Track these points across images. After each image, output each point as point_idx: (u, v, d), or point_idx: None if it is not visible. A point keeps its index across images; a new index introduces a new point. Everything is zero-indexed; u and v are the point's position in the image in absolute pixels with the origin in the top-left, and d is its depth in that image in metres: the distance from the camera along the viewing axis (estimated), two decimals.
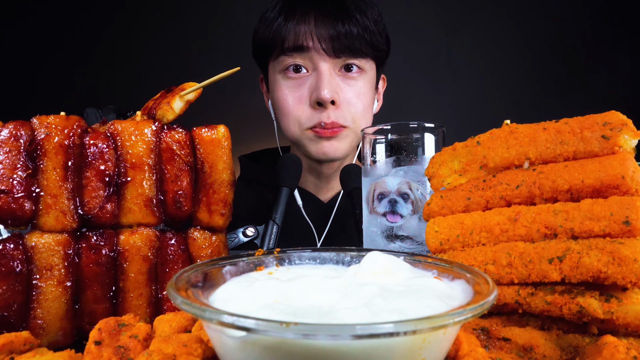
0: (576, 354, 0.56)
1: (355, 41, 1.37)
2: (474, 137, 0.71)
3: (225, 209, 0.79)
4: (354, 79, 1.43)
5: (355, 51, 1.39)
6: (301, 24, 1.37)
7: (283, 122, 1.50)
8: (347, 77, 1.43)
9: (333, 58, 1.39)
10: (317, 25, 1.36)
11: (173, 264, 0.77)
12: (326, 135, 1.41)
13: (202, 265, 0.57)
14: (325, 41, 1.36)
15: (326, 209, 1.54)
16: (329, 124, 1.39)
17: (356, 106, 1.42)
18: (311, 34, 1.36)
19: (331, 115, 1.39)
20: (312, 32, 1.36)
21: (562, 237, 0.59)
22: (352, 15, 1.37)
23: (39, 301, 0.69)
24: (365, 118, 1.46)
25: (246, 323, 0.39)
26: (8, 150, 0.68)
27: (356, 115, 1.43)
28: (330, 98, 1.36)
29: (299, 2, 1.41)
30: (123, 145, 0.75)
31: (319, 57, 1.38)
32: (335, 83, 1.40)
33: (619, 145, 0.60)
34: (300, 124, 1.44)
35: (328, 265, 0.66)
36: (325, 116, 1.39)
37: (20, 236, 0.70)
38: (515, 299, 0.61)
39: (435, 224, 0.70)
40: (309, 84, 1.41)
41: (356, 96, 1.43)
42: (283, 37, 1.39)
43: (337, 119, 1.39)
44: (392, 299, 0.48)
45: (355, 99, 1.42)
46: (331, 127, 1.40)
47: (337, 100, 1.39)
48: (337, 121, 1.39)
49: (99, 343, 0.56)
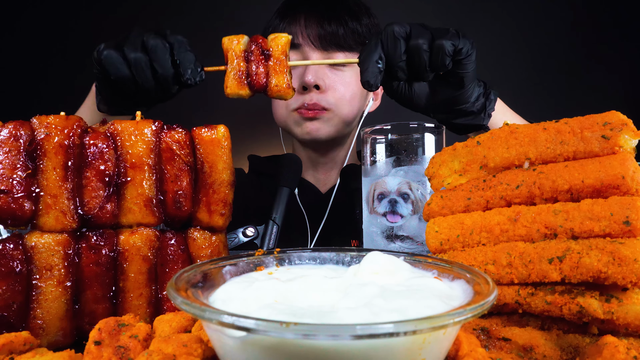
0: (576, 354, 0.56)
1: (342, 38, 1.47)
2: (474, 137, 0.71)
3: (225, 209, 0.79)
4: (341, 70, 1.52)
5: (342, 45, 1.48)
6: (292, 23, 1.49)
7: (273, 108, 1.63)
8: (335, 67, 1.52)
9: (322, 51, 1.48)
10: (307, 26, 1.47)
11: (173, 264, 0.77)
12: (309, 115, 1.50)
13: (202, 265, 0.57)
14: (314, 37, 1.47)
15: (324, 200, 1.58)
16: (311, 104, 1.48)
17: (340, 91, 1.51)
18: (301, 33, 1.47)
19: (314, 98, 1.48)
20: (303, 31, 1.48)
21: (562, 237, 0.59)
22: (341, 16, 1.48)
23: (39, 301, 0.69)
24: (350, 105, 1.54)
25: (246, 323, 0.39)
26: (8, 150, 0.68)
27: (340, 100, 1.51)
28: (313, 82, 1.46)
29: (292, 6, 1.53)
30: (123, 145, 0.75)
31: (309, 50, 1.48)
32: (322, 72, 1.49)
33: (619, 145, 0.60)
34: (287, 106, 1.54)
35: (328, 265, 0.66)
36: (308, 98, 1.48)
37: (20, 236, 0.70)
38: (515, 299, 0.61)
39: (435, 224, 0.70)
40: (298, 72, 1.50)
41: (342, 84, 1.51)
42: None
43: (319, 101, 1.48)
44: (392, 299, 0.48)
45: (340, 86, 1.51)
46: (313, 108, 1.49)
47: (322, 86, 1.48)
48: (319, 103, 1.48)
49: (99, 343, 0.56)
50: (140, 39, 0.89)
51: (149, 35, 0.89)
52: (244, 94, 0.91)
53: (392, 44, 0.87)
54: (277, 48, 0.91)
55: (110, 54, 0.88)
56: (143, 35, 0.89)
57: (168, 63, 0.88)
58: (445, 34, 0.87)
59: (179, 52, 0.89)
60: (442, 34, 0.87)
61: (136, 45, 0.89)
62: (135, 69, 0.88)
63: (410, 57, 0.88)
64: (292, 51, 1.48)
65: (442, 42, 0.86)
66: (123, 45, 0.89)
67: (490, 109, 1.04)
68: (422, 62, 0.87)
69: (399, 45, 0.87)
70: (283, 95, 0.92)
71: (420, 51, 0.86)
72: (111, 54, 0.88)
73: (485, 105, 1.03)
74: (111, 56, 0.88)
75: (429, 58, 0.87)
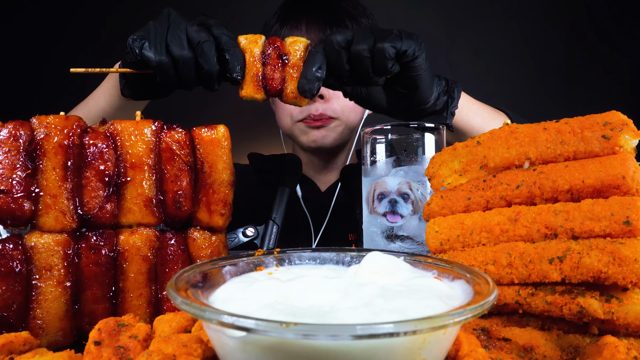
0: (576, 354, 0.56)
1: None
2: (474, 137, 0.71)
3: (225, 209, 0.79)
4: None
5: None
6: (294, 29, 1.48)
7: (277, 116, 1.62)
8: None
9: None
10: (308, 31, 1.46)
11: (173, 264, 0.77)
12: (315, 125, 1.50)
13: (202, 265, 0.57)
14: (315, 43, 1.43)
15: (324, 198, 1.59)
16: (317, 115, 1.48)
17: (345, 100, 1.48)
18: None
19: (319, 108, 1.48)
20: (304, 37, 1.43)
21: (562, 237, 0.59)
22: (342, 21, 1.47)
23: (39, 301, 0.69)
24: (355, 111, 1.54)
25: (246, 323, 0.39)
26: (7, 150, 0.68)
27: (345, 107, 1.51)
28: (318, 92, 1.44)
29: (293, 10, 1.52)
30: (123, 145, 0.74)
31: None
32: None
33: (620, 145, 0.60)
34: (292, 117, 1.53)
35: (328, 265, 0.66)
36: (313, 109, 1.48)
37: (20, 236, 0.70)
38: (516, 299, 0.61)
39: (435, 224, 0.70)
40: None
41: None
42: None
43: (326, 110, 1.48)
44: (392, 299, 0.48)
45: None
46: (320, 118, 1.49)
47: (326, 95, 1.47)
48: (326, 113, 1.48)
49: (99, 343, 0.56)
50: (184, 33, 0.84)
51: (192, 27, 0.84)
52: (259, 97, 0.90)
53: (334, 54, 0.85)
54: (295, 54, 0.90)
55: (161, 60, 0.82)
56: (187, 28, 0.84)
57: (214, 59, 0.84)
58: (386, 37, 0.83)
59: (228, 47, 0.85)
60: (384, 36, 0.84)
61: (181, 41, 0.83)
62: (182, 69, 0.84)
63: (353, 64, 0.86)
64: None
65: (383, 46, 0.83)
66: (166, 41, 0.83)
67: (453, 107, 1.00)
68: (364, 67, 0.85)
69: (340, 55, 0.85)
70: (298, 102, 0.91)
71: (361, 57, 0.84)
72: (161, 61, 0.82)
73: (448, 104, 1.00)
74: (161, 62, 0.83)
75: (371, 63, 0.85)
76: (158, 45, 0.83)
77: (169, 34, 0.84)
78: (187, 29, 0.84)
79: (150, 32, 0.85)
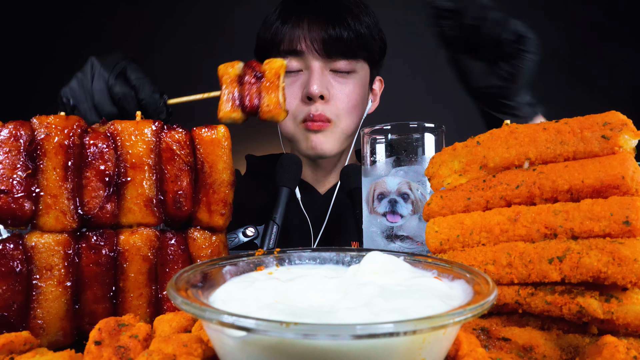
0: (576, 354, 0.56)
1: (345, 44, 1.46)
2: (474, 137, 0.71)
3: (225, 209, 0.79)
4: (345, 77, 1.52)
5: (345, 53, 1.47)
6: (295, 28, 1.47)
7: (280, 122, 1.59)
8: (338, 75, 1.51)
9: (325, 58, 1.47)
10: (310, 30, 1.45)
11: (173, 264, 0.77)
12: (314, 128, 1.49)
13: (202, 265, 0.57)
14: (317, 43, 1.45)
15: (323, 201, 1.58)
16: (316, 115, 1.48)
17: (343, 102, 1.51)
18: (304, 38, 1.46)
19: (319, 108, 1.48)
20: (306, 36, 1.46)
21: (562, 237, 0.59)
22: (344, 19, 1.46)
23: (39, 301, 0.69)
24: (351, 115, 1.54)
25: (246, 323, 0.39)
26: (8, 150, 0.68)
27: (341, 111, 1.51)
28: (319, 93, 1.45)
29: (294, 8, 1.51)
30: (123, 145, 0.75)
31: (312, 57, 1.47)
32: (326, 80, 1.48)
33: (619, 146, 0.60)
34: (294, 118, 1.53)
35: (328, 265, 0.66)
36: (314, 109, 1.48)
37: (20, 236, 0.70)
38: (515, 299, 0.61)
39: (435, 224, 0.70)
40: (302, 80, 1.49)
41: (345, 93, 1.51)
42: (279, 40, 1.49)
43: (324, 111, 1.48)
44: (392, 299, 0.48)
45: (343, 96, 1.51)
46: (319, 120, 1.48)
47: (327, 95, 1.47)
48: (324, 114, 1.48)
49: (99, 343, 0.56)
50: (106, 87, 0.94)
51: (112, 79, 0.95)
52: (236, 117, 0.90)
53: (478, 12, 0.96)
54: (271, 70, 0.90)
55: (94, 121, 0.90)
56: (108, 80, 0.95)
57: (135, 110, 0.92)
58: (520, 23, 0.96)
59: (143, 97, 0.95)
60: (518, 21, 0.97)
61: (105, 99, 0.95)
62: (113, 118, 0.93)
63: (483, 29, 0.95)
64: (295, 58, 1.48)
65: (516, 21, 0.95)
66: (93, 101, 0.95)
67: (530, 121, 1.05)
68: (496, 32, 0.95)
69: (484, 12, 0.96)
70: (275, 116, 0.89)
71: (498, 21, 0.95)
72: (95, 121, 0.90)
73: (530, 115, 1.05)
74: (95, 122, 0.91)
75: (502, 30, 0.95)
76: (88, 111, 0.96)
77: (94, 91, 0.95)
78: (109, 81, 0.95)
79: (77, 91, 0.97)
